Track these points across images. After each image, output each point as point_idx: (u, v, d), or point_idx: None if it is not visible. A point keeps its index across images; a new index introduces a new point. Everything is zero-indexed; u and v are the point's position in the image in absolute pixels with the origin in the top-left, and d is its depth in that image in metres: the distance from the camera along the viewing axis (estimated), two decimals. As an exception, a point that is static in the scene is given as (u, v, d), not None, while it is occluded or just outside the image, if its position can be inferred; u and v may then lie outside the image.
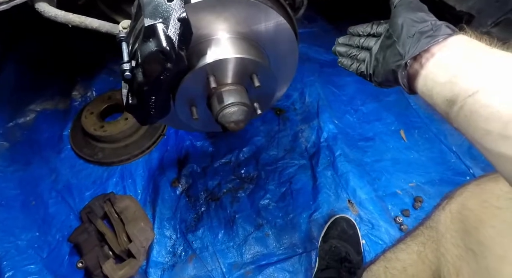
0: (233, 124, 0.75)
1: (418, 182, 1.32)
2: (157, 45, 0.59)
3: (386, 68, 0.53)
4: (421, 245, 0.56)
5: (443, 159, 1.38)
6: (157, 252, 1.16)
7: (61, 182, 1.35)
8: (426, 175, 1.34)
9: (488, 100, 0.37)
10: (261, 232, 1.22)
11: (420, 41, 0.46)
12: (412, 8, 0.51)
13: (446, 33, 0.45)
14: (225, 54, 0.70)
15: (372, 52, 0.59)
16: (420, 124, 1.50)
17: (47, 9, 0.88)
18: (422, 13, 0.49)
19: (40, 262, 1.13)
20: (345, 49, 0.69)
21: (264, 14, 0.69)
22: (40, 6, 0.87)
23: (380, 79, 0.57)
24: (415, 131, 1.49)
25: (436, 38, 0.45)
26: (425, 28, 0.46)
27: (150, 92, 0.66)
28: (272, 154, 1.42)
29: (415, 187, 1.30)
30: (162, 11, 0.59)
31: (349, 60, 0.67)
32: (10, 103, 1.61)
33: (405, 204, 1.27)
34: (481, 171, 1.33)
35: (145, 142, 1.43)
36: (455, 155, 1.39)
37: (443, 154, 1.40)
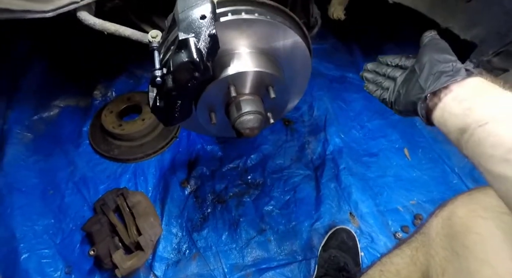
0: (248, 130, 0.82)
1: (419, 200, 1.36)
2: (189, 56, 0.66)
3: (408, 99, 0.59)
4: (414, 249, 0.61)
5: (445, 179, 1.42)
6: (163, 248, 1.22)
7: (78, 175, 1.43)
8: (428, 194, 1.38)
9: (495, 130, 0.43)
10: (264, 236, 1.27)
11: (440, 79, 0.52)
12: (438, 49, 0.57)
13: (465, 74, 0.51)
14: (245, 67, 0.77)
15: (397, 82, 0.65)
16: (424, 144, 1.55)
17: (87, 17, 0.97)
18: (446, 54, 0.56)
19: (54, 247, 1.20)
20: (372, 76, 0.76)
21: (283, 33, 0.77)
22: (81, 14, 0.97)
23: (401, 108, 0.63)
24: (419, 150, 1.53)
25: (455, 77, 0.51)
26: (446, 68, 0.53)
27: (177, 97, 0.74)
28: (279, 163, 1.48)
29: (416, 204, 1.34)
30: (195, 27, 0.67)
31: (375, 86, 0.74)
32: (36, 98, 1.71)
33: (405, 220, 1.30)
34: (481, 193, 1.36)
35: (159, 142, 1.51)
36: (457, 176, 1.43)
37: (445, 174, 1.44)
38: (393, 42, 1.99)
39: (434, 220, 0.56)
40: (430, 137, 1.57)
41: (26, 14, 0.90)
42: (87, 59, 1.82)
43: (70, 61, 1.83)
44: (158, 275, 1.16)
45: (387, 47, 1.99)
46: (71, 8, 0.94)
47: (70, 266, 1.17)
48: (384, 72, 0.72)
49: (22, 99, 1.67)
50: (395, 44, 1.99)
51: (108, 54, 1.80)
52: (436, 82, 0.53)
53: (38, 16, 0.92)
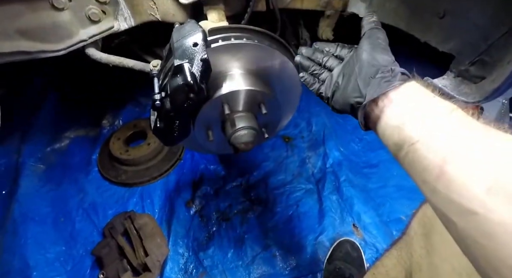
0: (243, 145, 0.87)
1: (422, 208, 1.36)
2: (183, 79, 0.74)
3: (346, 101, 0.58)
4: (399, 249, 0.62)
5: (446, 186, 1.43)
6: (170, 268, 1.23)
7: (87, 201, 1.48)
8: (430, 201, 1.38)
9: (425, 152, 0.41)
10: (269, 252, 1.27)
11: (380, 85, 0.51)
12: (378, 48, 0.56)
13: (402, 79, 0.50)
14: (237, 87, 0.84)
15: (333, 75, 0.62)
16: (423, 153, 1.57)
17: (94, 53, 1.08)
18: (385, 55, 0.55)
19: (65, 274, 1.22)
20: (308, 63, 0.70)
21: (270, 54, 0.85)
22: (89, 51, 1.08)
23: (337, 107, 0.62)
24: (418, 159, 1.55)
25: (393, 83, 0.50)
26: (386, 73, 0.51)
27: (176, 117, 0.80)
28: (280, 179, 1.51)
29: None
30: (188, 54, 0.75)
31: (311, 78, 0.69)
32: (48, 131, 1.82)
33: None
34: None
35: (164, 165, 1.57)
36: (459, 182, 1.43)
37: (446, 181, 1.45)
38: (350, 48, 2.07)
39: (413, 220, 0.59)
40: (428, 145, 1.59)
41: (41, 54, 1.01)
42: (95, 92, 1.95)
43: (80, 94, 1.96)
44: (166, 296, 1.17)
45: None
46: (80, 46, 1.05)
47: (80, 291, 1.19)
48: (320, 61, 0.68)
49: (36, 133, 1.78)
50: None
51: (115, 85, 1.93)
52: (375, 88, 0.50)
53: (51, 55, 1.02)
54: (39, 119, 1.86)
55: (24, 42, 0.99)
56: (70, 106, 1.94)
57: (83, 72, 1.89)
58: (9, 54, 0.96)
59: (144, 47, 1.44)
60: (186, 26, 0.79)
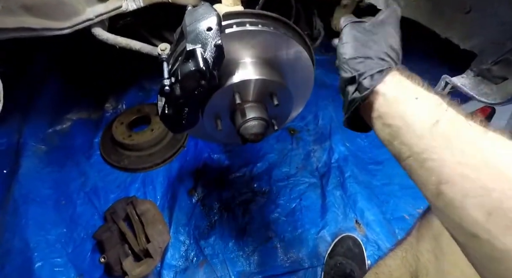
0: (253, 136, 0.85)
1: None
2: (195, 65, 0.70)
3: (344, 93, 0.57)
4: (404, 251, 0.61)
5: (450, 186, 1.42)
6: (171, 255, 1.23)
7: (89, 185, 1.47)
8: (434, 201, 1.37)
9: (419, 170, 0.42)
10: (270, 244, 1.27)
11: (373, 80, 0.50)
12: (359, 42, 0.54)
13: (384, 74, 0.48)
14: (249, 76, 0.81)
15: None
16: (429, 152, 1.55)
17: (101, 33, 1.04)
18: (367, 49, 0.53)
19: (66, 256, 1.22)
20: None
21: (285, 43, 0.81)
22: (96, 30, 1.04)
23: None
24: (424, 158, 1.53)
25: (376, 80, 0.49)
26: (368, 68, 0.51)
27: (185, 104, 0.78)
28: (284, 171, 1.50)
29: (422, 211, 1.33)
30: (201, 38, 0.72)
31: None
32: (50, 112, 1.79)
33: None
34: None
35: (167, 152, 1.55)
36: (464, 183, 1.42)
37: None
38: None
39: (420, 222, 0.57)
40: (436, 144, 1.57)
41: (46, 32, 0.97)
42: (99, 74, 1.91)
43: (83, 76, 1.92)
44: (166, 282, 1.17)
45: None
46: (86, 25, 1.01)
47: (81, 274, 1.19)
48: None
49: (37, 113, 1.75)
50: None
51: (119, 69, 1.89)
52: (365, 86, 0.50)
53: (56, 33, 0.99)
54: (40, 100, 1.82)
55: (29, 19, 0.95)
56: (73, 88, 1.90)
57: (87, 53, 1.84)
58: (13, 30, 0.93)
59: (151, 30, 1.40)
60: (199, 9, 0.76)
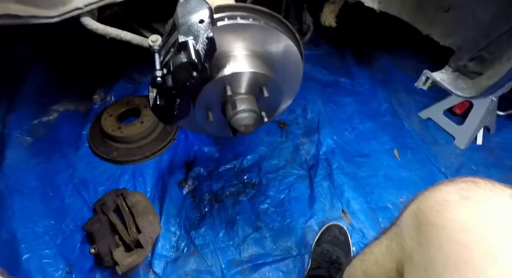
0: (243, 127, 0.87)
1: (408, 198, 1.39)
2: (188, 57, 0.72)
3: None
4: (389, 240, 0.65)
5: (432, 178, 1.48)
6: (162, 246, 1.25)
7: (77, 177, 1.46)
8: (416, 192, 1.43)
9: None
10: (259, 233, 1.31)
11: None
12: None
13: None
14: (240, 68, 0.83)
15: None
16: (412, 145, 1.62)
17: (90, 23, 1.03)
18: None
19: (54, 248, 1.22)
20: None
21: (276, 37, 0.83)
22: (85, 20, 1.03)
23: None
24: (407, 152, 1.60)
25: None
26: None
27: (177, 95, 0.79)
28: (274, 163, 1.53)
29: (405, 202, 1.39)
30: (193, 31, 0.73)
31: None
32: (36, 102, 1.75)
33: (394, 217, 1.35)
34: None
35: (157, 144, 1.55)
36: (444, 176, 1.49)
37: (432, 174, 1.50)
38: (384, 48, 2.08)
39: (405, 212, 0.61)
40: (419, 139, 1.64)
41: (33, 19, 0.95)
42: (87, 64, 1.87)
43: (70, 66, 1.88)
44: (157, 272, 1.19)
45: (378, 53, 2.08)
46: (75, 14, 1.00)
47: (71, 266, 1.19)
48: None
49: (22, 103, 1.71)
50: (386, 50, 2.09)
51: (108, 59, 1.86)
52: None
53: (44, 21, 0.97)
54: (26, 90, 1.78)
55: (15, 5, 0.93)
56: (60, 78, 1.86)
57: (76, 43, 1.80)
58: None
59: (141, 21, 1.39)
60: (192, 2, 0.77)
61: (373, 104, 1.82)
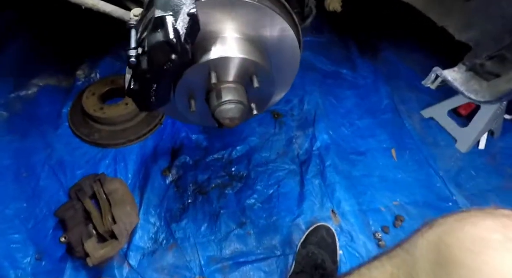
0: (228, 120, 0.78)
1: (402, 201, 1.35)
2: (164, 36, 0.61)
3: None
4: (395, 266, 0.56)
5: (429, 182, 1.41)
6: (139, 237, 1.18)
7: (55, 158, 1.37)
8: (411, 196, 1.37)
9: None
10: (243, 230, 1.24)
11: None
12: None
13: None
14: (229, 53, 0.73)
15: None
16: (412, 146, 1.54)
17: (64, -12, 0.91)
18: None
19: (25, 233, 1.15)
20: None
21: (269, 18, 0.72)
22: (57, -16, 0.90)
23: None
24: (406, 152, 1.52)
25: None
26: None
27: (152, 80, 0.69)
28: (264, 156, 1.45)
29: (398, 206, 1.33)
30: (173, 5, 0.62)
31: None
32: (14, 74, 1.63)
33: (386, 221, 1.29)
34: (464, 199, 1.36)
35: (142, 128, 1.46)
36: (441, 180, 1.42)
37: (429, 177, 1.43)
38: (390, 39, 1.96)
39: (420, 240, 0.52)
40: (419, 139, 1.56)
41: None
42: (72, 36, 1.74)
43: (55, 37, 1.75)
44: (132, 264, 1.13)
45: (384, 44, 1.96)
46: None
47: (41, 253, 1.12)
48: None
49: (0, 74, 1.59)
50: (392, 41, 1.97)
51: (96, 32, 1.72)
52: None
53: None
54: (3, 60, 1.65)
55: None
56: (41, 50, 1.73)
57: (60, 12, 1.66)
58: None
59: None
60: (174, -31, 0.65)
61: (374, 100, 1.72)
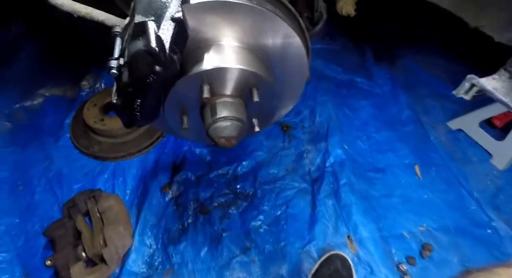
0: (223, 140, 0.67)
1: (429, 227, 1.19)
2: (145, 44, 0.52)
3: None
4: None
5: (461, 204, 1.25)
6: (133, 261, 1.09)
7: (53, 170, 1.31)
8: (440, 220, 1.20)
9: None
10: (247, 256, 1.12)
11: None
12: None
13: None
14: (225, 63, 0.63)
15: None
16: (439, 162, 1.38)
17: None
18: None
19: (14, 251, 1.09)
20: None
21: (271, 23, 0.62)
22: (47, -9, 0.84)
23: None
24: (432, 169, 1.36)
25: None
26: None
27: (135, 94, 0.60)
28: (272, 172, 1.33)
29: (425, 232, 1.17)
30: (155, 8, 0.53)
31: None
32: (20, 85, 1.61)
33: (411, 250, 1.13)
34: (504, 224, 1.19)
35: (143, 141, 1.38)
36: (476, 202, 1.25)
37: (461, 198, 1.26)
38: (407, 44, 1.81)
39: None
40: (446, 154, 1.40)
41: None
42: (79, 46, 1.71)
43: (63, 47, 1.73)
44: (124, 291, 1.04)
45: (402, 50, 1.82)
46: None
47: (28, 275, 1.05)
48: None
49: (5, 86, 1.57)
50: (410, 47, 1.82)
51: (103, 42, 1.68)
52: None
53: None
54: (12, 71, 1.64)
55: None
56: (48, 60, 1.71)
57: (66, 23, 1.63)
58: None
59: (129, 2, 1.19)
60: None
61: (392, 110, 1.58)
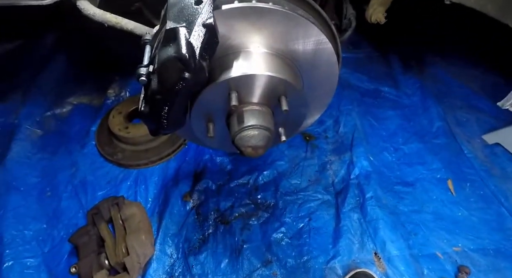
0: (250, 149, 0.65)
1: (465, 247, 1.10)
2: (176, 51, 0.52)
3: None
4: None
5: (500, 224, 1.15)
6: (154, 270, 1.07)
7: (78, 177, 1.34)
8: (477, 241, 1.11)
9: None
10: (269, 270, 1.08)
11: None
12: None
13: None
14: (253, 70, 0.62)
15: None
16: (474, 177, 1.29)
17: (87, 7, 0.88)
18: None
19: (40, 256, 1.10)
20: None
21: (303, 29, 0.60)
22: (81, 3, 0.88)
23: None
24: (466, 185, 1.27)
25: None
26: None
27: (163, 102, 0.59)
28: (294, 183, 1.29)
29: (461, 252, 1.08)
30: (187, 15, 0.53)
31: None
32: (52, 94, 1.68)
33: (446, 271, 1.05)
34: (549, 246, 1.08)
35: (165, 149, 1.39)
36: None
37: (501, 218, 1.17)
38: (439, 52, 1.75)
39: None
40: (482, 169, 1.31)
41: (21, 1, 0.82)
42: (106, 56, 1.77)
43: (90, 57, 1.80)
44: (144, 301, 1.02)
45: (432, 58, 1.75)
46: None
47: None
48: None
49: (37, 94, 1.64)
50: (442, 55, 1.75)
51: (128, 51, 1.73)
52: None
53: (34, 3, 0.84)
54: (43, 80, 1.72)
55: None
56: (78, 70, 1.78)
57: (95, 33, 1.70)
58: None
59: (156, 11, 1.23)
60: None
61: (422, 121, 1.51)
